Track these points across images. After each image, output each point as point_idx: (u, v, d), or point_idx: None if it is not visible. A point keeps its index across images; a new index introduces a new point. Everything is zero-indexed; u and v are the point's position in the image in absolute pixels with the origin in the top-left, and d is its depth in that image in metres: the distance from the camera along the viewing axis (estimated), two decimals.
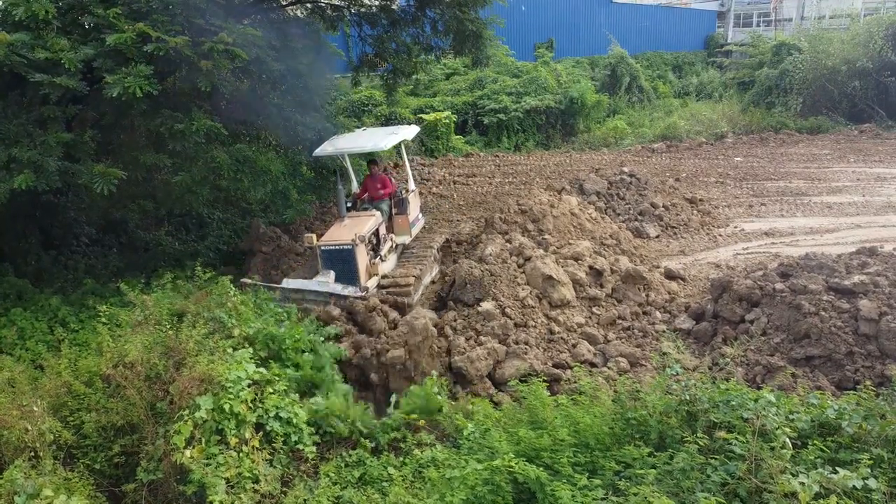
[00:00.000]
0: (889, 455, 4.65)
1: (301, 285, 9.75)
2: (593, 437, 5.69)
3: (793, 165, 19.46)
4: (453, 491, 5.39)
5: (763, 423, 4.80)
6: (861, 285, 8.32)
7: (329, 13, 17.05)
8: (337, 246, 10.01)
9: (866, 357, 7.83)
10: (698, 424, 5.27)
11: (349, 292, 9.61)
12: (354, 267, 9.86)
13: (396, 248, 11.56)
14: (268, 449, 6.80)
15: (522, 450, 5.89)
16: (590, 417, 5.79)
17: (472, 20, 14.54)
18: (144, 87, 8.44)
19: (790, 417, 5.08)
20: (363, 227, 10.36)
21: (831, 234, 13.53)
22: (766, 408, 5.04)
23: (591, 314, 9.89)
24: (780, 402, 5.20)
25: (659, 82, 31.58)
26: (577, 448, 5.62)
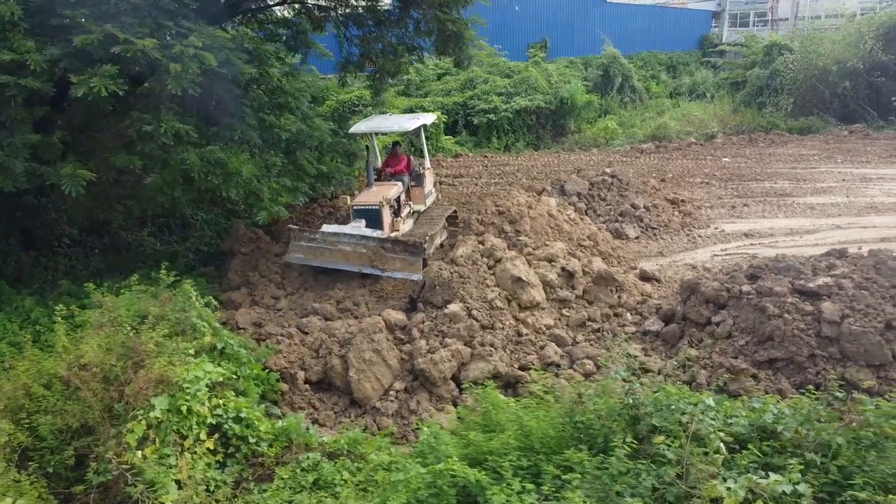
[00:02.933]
0: (822, 460, 4.64)
1: (338, 229, 12.00)
2: (539, 440, 5.68)
3: (780, 166, 19.44)
4: (395, 494, 5.39)
5: (698, 427, 4.79)
6: (825, 287, 8.30)
7: (316, 14, 17.09)
8: (367, 206, 12.11)
9: (828, 360, 7.80)
10: (639, 428, 5.26)
11: (376, 234, 11.70)
12: (381, 222, 11.98)
13: (413, 215, 13.55)
14: (223, 451, 6.81)
15: (470, 453, 5.90)
16: (536, 421, 5.78)
17: (453, 20, 14.54)
18: (110, 88, 8.44)
19: (728, 422, 5.06)
20: (388, 192, 12.53)
21: (811, 236, 13.50)
22: (705, 412, 5.03)
23: (561, 316, 9.88)
24: (720, 406, 5.18)
25: (652, 83, 31.54)
26: (522, 451, 5.61)
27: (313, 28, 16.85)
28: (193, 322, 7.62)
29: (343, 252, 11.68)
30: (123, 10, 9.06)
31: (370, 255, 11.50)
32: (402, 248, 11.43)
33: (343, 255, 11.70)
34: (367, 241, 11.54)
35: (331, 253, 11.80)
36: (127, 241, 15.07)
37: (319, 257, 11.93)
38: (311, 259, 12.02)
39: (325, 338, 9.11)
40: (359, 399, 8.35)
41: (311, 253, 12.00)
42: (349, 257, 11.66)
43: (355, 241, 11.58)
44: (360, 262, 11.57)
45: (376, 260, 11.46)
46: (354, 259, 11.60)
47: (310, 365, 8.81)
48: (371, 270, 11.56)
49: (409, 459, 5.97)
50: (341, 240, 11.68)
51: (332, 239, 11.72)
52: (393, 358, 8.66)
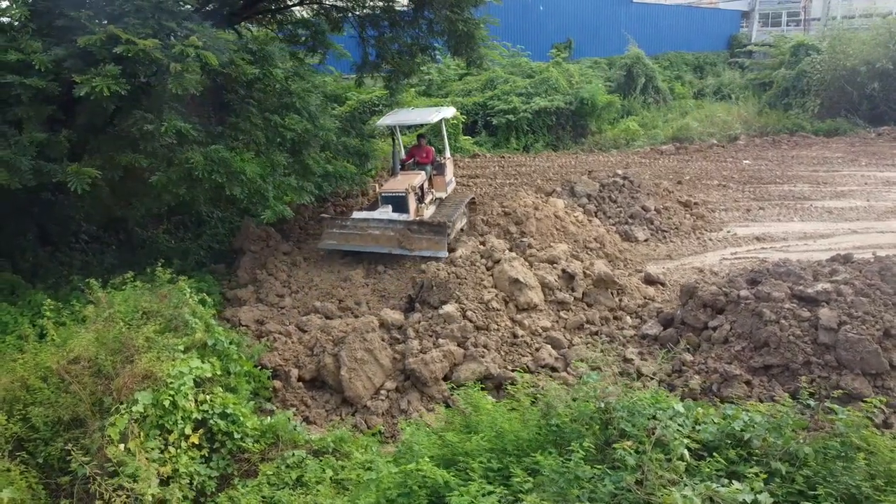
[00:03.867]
0: (788, 469, 4.55)
1: (367, 215, 12.96)
2: (512, 442, 5.67)
3: (801, 169, 19.06)
4: (365, 493, 5.42)
5: (662, 433, 4.74)
6: (824, 293, 8.12)
7: (334, 14, 17.23)
8: (394, 193, 13.04)
9: (823, 367, 7.64)
10: (609, 433, 5.22)
11: (403, 218, 12.60)
12: (407, 208, 12.83)
13: (435, 201, 14.38)
14: (209, 446, 6.91)
15: (446, 454, 5.91)
16: (509, 423, 5.76)
17: (464, 20, 14.54)
18: (112, 88, 8.61)
19: (697, 428, 4.99)
20: (413, 180, 13.44)
21: (825, 240, 13.22)
22: (673, 417, 4.97)
23: (559, 318, 9.83)
24: (690, 412, 5.11)
25: (676, 83, 31.14)
26: (494, 453, 5.60)
27: (331, 29, 17.00)
28: (186, 318, 7.72)
29: (373, 236, 12.60)
30: (127, 12, 9.25)
31: (398, 238, 12.30)
32: (427, 228, 12.29)
33: (373, 239, 12.60)
34: (395, 224, 12.46)
35: (361, 237, 12.73)
36: (142, 237, 15.34)
37: (351, 242, 12.86)
38: (343, 244, 12.97)
39: (321, 336, 9.19)
40: (350, 398, 8.40)
41: (342, 239, 12.96)
42: (378, 240, 12.53)
43: (384, 225, 12.51)
44: (389, 244, 12.40)
45: (404, 241, 12.23)
46: (384, 241, 12.47)
47: (304, 363, 8.90)
48: (400, 251, 12.32)
49: (383, 459, 5.99)
50: (370, 225, 12.62)
51: (362, 224, 12.70)
52: (385, 357, 8.69)
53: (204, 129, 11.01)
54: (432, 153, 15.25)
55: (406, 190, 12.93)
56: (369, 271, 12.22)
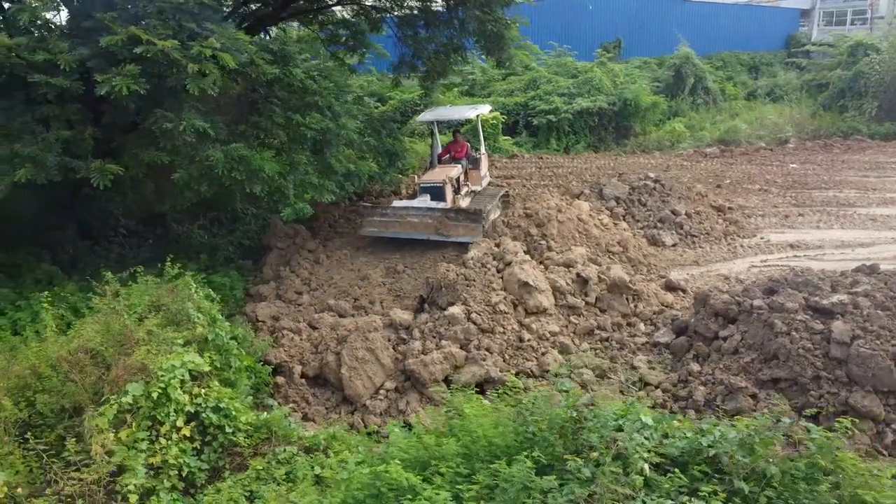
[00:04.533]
0: (752, 489, 4.36)
1: (406, 204, 13.71)
2: (484, 448, 5.60)
3: (851, 174, 18.28)
4: (334, 492, 5.45)
5: (624, 445, 4.60)
6: (839, 305, 7.76)
7: (373, 15, 17.39)
8: (432, 183, 13.70)
9: (833, 383, 7.30)
10: (579, 442, 5.10)
11: (440, 206, 13.17)
12: (444, 197, 13.44)
13: (470, 194, 14.92)
14: (200, 439, 7.05)
15: (422, 457, 5.88)
16: (481, 429, 5.69)
17: (493, 20, 14.45)
18: (131, 87, 8.87)
19: (664, 442, 4.83)
20: (450, 172, 14.19)
21: (864, 249, 12.63)
22: (640, 430, 4.83)
23: (569, 323, 9.67)
24: (659, 425, 4.95)
25: (728, 84, 30.25)
26: (465, 458, 5.54)
27: (371, 29, 17.16)
28: (189, 313, 7.89)
29: (411, 223, 13.21)
30: (149, 13, 9.50)
31: (436, 225, 12.88)
32: (464, 216, 12.82)
33: (412, 226, 13.22)
34: (433, 212, 13.04)
35: (400, 225, 13.36)
36: (178, 232, 15.77)
37: (391, 229, 13.49)
38: (383, 231, 13.61)
39: (326, 334, 9.27)
40: (350, 396, 8.45)
41: (383, 226, 13.57)
42: (417, 227, 13.14)
43: (422, 213, 13.11)
44: (427, 231, 12.99)
45: (441, 228, 12.79)
46: (422, 228, 13.08)
47: (308, 360, 9.00)
48: (437, 237, 12.88)
49: (356, 458, 6.01)
50: (410, 213, 13.25)
51: (402, 213, 13.34)
52: (387, 357, 8.72)
53: (227, 128, 11.28)
54: (467, 148, 15.79)
55: (443, 181, 13.59)
56: (389, 271, 12.26)
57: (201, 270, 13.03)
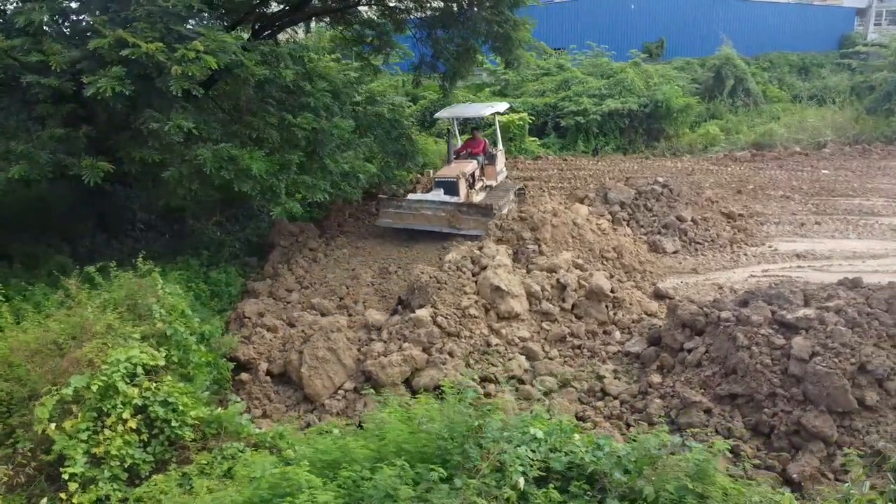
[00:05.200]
0: None
1: (421, 197, 14.54)
2: (394, 453, 5.58)
3: (884, 181, 17.46)
4: (240, 490, 5.53)
5: (502, 458, 4.53)
6: (804, 320, 7.43)
7: (397, 16, 17.54)
8: (446, 178, 14.44)
9: (788, 401, 7.00)
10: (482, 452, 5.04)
11: (454, 200, 13.85)
12: (457, 192, 14.08)
13: (485, 189, 15.58)
14: (147, 432, 7.24)
15: (339, 458, 5.90)
16: (393, 433, 5.67)
17: (500, 21, 14.37)
18: (116, 88, 9.17)
19: (550, 456, 4.73)
20: (465, 168, 14.88)
21: (875, 261, 12.04)
22: (528, 443, 4.74)
23: (541, 329, 9.54)
24: (549, 438, 4.84)
25: (770, 86, 29.19)
26: (375, 462, 5.54)
27: (395, 29, 17.32)
28: (151, 308, 8.11)
29: (425, 216, 13.94)
30: (138, 17, 9.79)
31: (448, 218, 13.59)
32: (475, 210, 13.58)
33: (425, 219, 13.95)
34: (446, 205, 13.75)
35: (414, 217, 14.10)
36: (192, 228, 16.19)
37: (405, 220, 14.25)
38: (398, 222, 14.38)
39: (296, 332, 9.39)
40: (309, 395, 8.54)
41: (398, 218, 14.37)
42: (430, 220, 13.89)
43: (436, 206, 13.83)
44: (440, 224, 13.72)
45: (454, 221, 13.48)
46: (435, 221, 13.81)
47: (275, 358, 9.13)
48: (449, 230, 13.57)
49: (269, 457, 6.08)
50: (424, 205, 14.00)
51: (416, 205, 14.12)
52: (349, 358, 8.77)
53: (221, 128, 11.54)
54: (484, 145, 16.42)
55: (457, 176, 14.21)
56: (381, 271, 12.36)
57: (203, 266, 13.42)
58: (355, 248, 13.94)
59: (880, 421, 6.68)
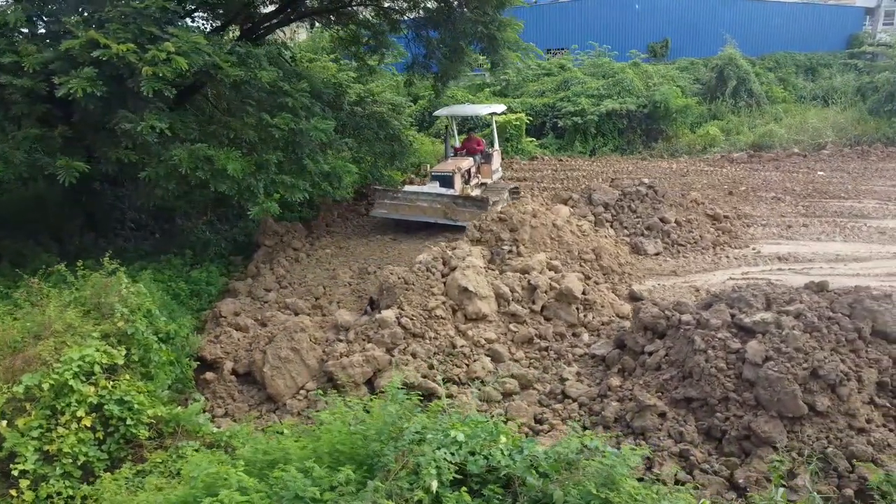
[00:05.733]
0: None
1: (417, 189, 14.87)
2: (327, 454, 5.59)
3: (879, 183, 17.25)
4: (176, 489, 5.57)
5: (417, 460, 4.53)
6: (761, 324, 7.35)
7: (392, 16, 17.56)
8: (442, 173, 14.83)
9: (740, 405, 6.93)
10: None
11: (449, 192, 14.19)
12: (452, 185, 14.44)
13: (481, 186, 16.01)
14: (103, 430, 7.30)
15: (278, 459, 5.93)
16: (328, 434, 5.68)
17: (485, 22, 14.34)
18: (88, 89, 9.26)
19: (469, 459, 4.71)
20: (461, 163, 15.39)
21: (857, 264, 11.89)
22: (448, 446, 4.74)
23: (508, 331, 9.51)
24: (469, 441, 4.82)
25: (774, 86, 28.89)
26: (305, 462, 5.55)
27: (390, 29, 17.35)
28: (114, 307, 8.17)
29: (421, 207, 14.25)
30: (111, 18, 9.87)
31: (444, 209, 13.91)
32: (470, 202, 13.88)
33: (421, 210, 14.26)
34: (442, 197, 14.05)
35: (410, 208, 14.38)
36: (182, 227, 16.31)
37: (401, 211, 14.54)
38: (393, 213, 14.70)
39: (262, 332, 9.43)
40: (272, 395, 8.58)
41: (393, 209, 14.66)
42: (426, 211, 14.19)
43: (431, 198, 14.14)
44: (435, 215, 14.01)
45: (449, 212, 13.80)
46: (430, 212, 14.12)
47: (241, 357, 9.17)
48: (445, 221, 13.86)
49: (205, 456, 6.11)
50: (420, 197, 14.26)
51: (412, 197, 14.39)
52: (313, 358, 8.80)
53: (199, 128, 11.61)
54: (481, 144, 16.85)
55: (453, 171, 14.63)
56: (360, 272, 12.36)
57: (186, 265, 13.51)
58: (339, 248, 13.98)
59: (831, 427, 6.60)
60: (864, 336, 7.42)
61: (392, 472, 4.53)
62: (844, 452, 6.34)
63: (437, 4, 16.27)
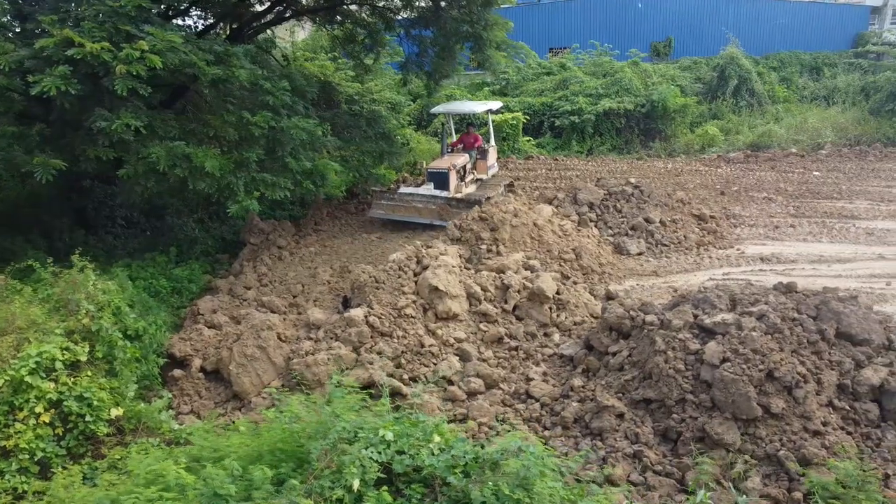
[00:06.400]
0: None
1: (412, 191, 15.15)
2: (269, 452, 5.60)
3: (874, 184, 17.06)
4: (115, 487, 5.60)
5: (341, 459, 4.53)
6: (722, 325, 7.29)
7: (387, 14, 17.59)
8: (438, 170, 15.13)
9: (696, 407, 6.88)
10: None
11: (443, 195, 14.56)
12: (447, 184, 14.74)
13: (476, 182, 16.41)
14: (63, 426, 7.35)
15: (224, 455, 5.94)
16: (269, 433, 5.69)
17: (471, 21, 14.31)
18: (62, 87, 9.32)
19: (395, 459, 4.70)
20: (456, 160, 15.62)
21: (841, 265, 11.77)
22: (375, 445, 4.73)
23: (478, 330, 9.48)
24: (399, 440, 4.81)
25: (777, 86, 28.63)
26: (244, 460, 5.56)
27: (385, 29, 17.38)
28: (80, 304, 8.22)
29: (416, 208, 14.69)
30: (87, 16, 9.94)
31: (438, 211, 14.32)
32: (464, 205, 14.10)
33: (416, 211, 14.68)
34: (436, 199, 14.50)
35: (406, 209, 14.80)
36: (172, 224, 16.40)
37: (397, 212, 14.94)
38: (390, 214, 15.09)
39: (232, 330, 9.46)
40: (238, 392, 8.60)
41: (390, 209, 15.07)
42: (421, 212, 14.62)
43: (426, 200, 14.60)
44: (430, 216, 14.42)
45: (444, 213, 14.17)
46: (426, 214, 14.57)
47: (210, 355, 9.20)
48: (439, 222, 14.13)
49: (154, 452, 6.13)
50: (415, 199, 14.73)
51: (408, 198, 14.83)
52: (280, 356, 8.81)
53: (179, 126, 11.65)
54: (479, 140, 17.08)
55: (448, 168, 14.87)
56: (340, 270, 12.36)
57: (170, 263, 13.58)
58: (323, 246, 14.00)
59: (785, 429, 6.53)
60: (828, 338, 7.35)
61: (315, 470, 4.52)
62: (796, 455, 6.27)
63: (427, 4, 16.28)
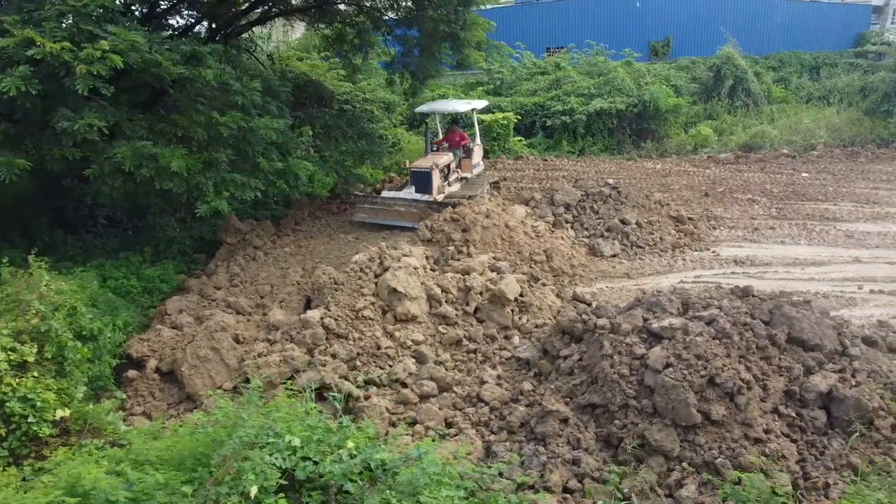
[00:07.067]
0: None
1: (394, 195, 15.22)
2: (191, 456, 5.55)
3: (862, 185, 16.86)
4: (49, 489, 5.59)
5: (241, 465, 4.47)
6: (668, 330, 7.18)
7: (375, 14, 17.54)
8: (420, 169, 14.89)
9: (639, 413, 6.77)
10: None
11: (424, 199, 14.46)
12: (430, 183, 14.56)
13: (461, 180, 16.30)
14: (5, 428, 7.33)
15: (154, 460, 5.90)
16: (188, 437, 5.65)
17: (448, 21, 14.23)
18: (22, 87, 9.32)
19: (299, 465, 4.64)
20: (439, 159, 15.44)
21: (814, 268, 11.61)
22: (282, 451, 4.67)
23: (437, 332, 9.41)
24: (307, 447, 4.75)
25: (775, 86, 28.37)
26: (173, 466, 5.52)
27: (373, 28, 17.33)
28: (31, 304, 8.21)
29: (399, 212, 14.65)
30: (49, 16, 9.93)
31: (420, 214, 14.18)
32: (445, 208, 13.66)
33: (399, 214, 14.63)
34: (418, 203, 14.48)
35: (388, 213, 14.79)
36: (152, 224, 16.40)
37: (380, 216, 14.90)
38: (373, 217, 15.00)
39: (189, 331, 9.43)
40: (190, 394, 8.57)
41: (373, 213, 15.03)
42: (403, 216, 14.55)
43: (408, 203, 14.57)
44: (413, 220, 14.21)
45: (425, 217, 13.70)
46: (408, 217, 14.44)
47: (166, 356, 9.17)
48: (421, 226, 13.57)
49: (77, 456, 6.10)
50: (397, 202, 14.76)
51: (390, 202, 14.90)
52: (233, 357, 8.77)
53: (147, 126, 11.63)
54: (465, 138, 16.93)
55: (431, 167, 14.70)
56: (311, 271, 12.30)
57: (145, 262, 13.57)
58: (299, 246, 13.95)
59: (725, 436, 6.42)
60: (779, 343, 7.24)
61: (216, 475, 4.47)
62: (733, 463, 6.16)
63: (413, 3, 16.22)
